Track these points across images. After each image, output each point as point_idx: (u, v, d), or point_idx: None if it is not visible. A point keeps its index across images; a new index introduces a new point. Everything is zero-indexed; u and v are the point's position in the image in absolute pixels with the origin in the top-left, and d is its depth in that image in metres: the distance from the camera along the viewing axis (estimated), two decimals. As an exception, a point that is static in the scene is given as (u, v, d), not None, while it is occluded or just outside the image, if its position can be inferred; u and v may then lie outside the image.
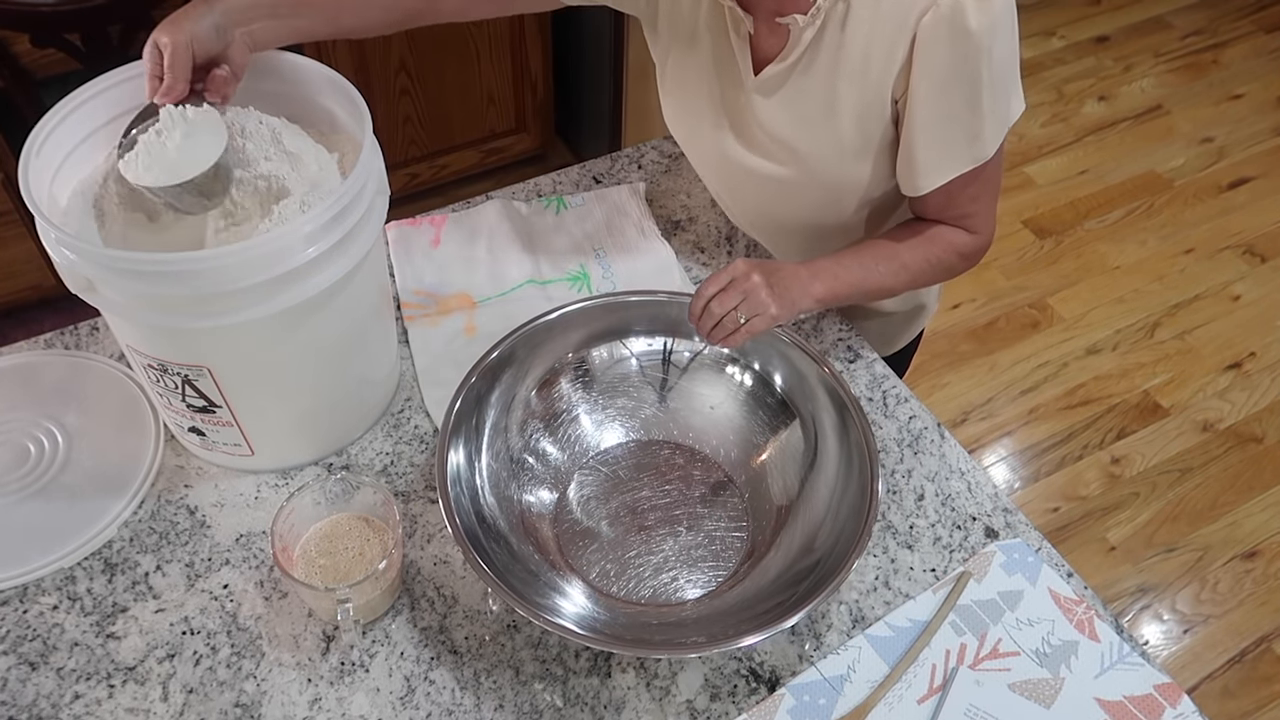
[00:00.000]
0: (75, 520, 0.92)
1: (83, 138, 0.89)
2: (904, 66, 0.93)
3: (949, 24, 0.89)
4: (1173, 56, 3.14)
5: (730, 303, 0.92)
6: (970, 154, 0.96)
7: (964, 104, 0.93)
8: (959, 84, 0.92)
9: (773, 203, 1.10)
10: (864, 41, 0.93)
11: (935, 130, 0.95)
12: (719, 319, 0.92)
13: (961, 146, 0.96)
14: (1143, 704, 0.84)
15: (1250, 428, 2.20)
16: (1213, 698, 1.80)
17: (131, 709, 0.82)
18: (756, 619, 0.82)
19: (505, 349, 0.96)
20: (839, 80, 0.96)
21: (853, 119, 0.98)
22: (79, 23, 1.61)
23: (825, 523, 0.89)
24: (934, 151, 0.96)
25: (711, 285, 0.93)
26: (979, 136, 0.95)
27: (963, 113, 0.93)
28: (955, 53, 0.90)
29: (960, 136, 0.95)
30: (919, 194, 0.99)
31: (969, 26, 0.88)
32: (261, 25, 0.90)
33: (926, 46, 0.90)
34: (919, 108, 0.94)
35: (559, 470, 0.98)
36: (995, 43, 0.90)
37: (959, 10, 0.88)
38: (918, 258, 1.03)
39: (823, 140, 1.00)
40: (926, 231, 1.04)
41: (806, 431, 0.96)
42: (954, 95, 0.92)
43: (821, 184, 1.04)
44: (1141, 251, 2.56)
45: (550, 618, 0.79)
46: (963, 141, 0.95)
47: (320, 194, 0.86)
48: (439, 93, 2.28)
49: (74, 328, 1.08)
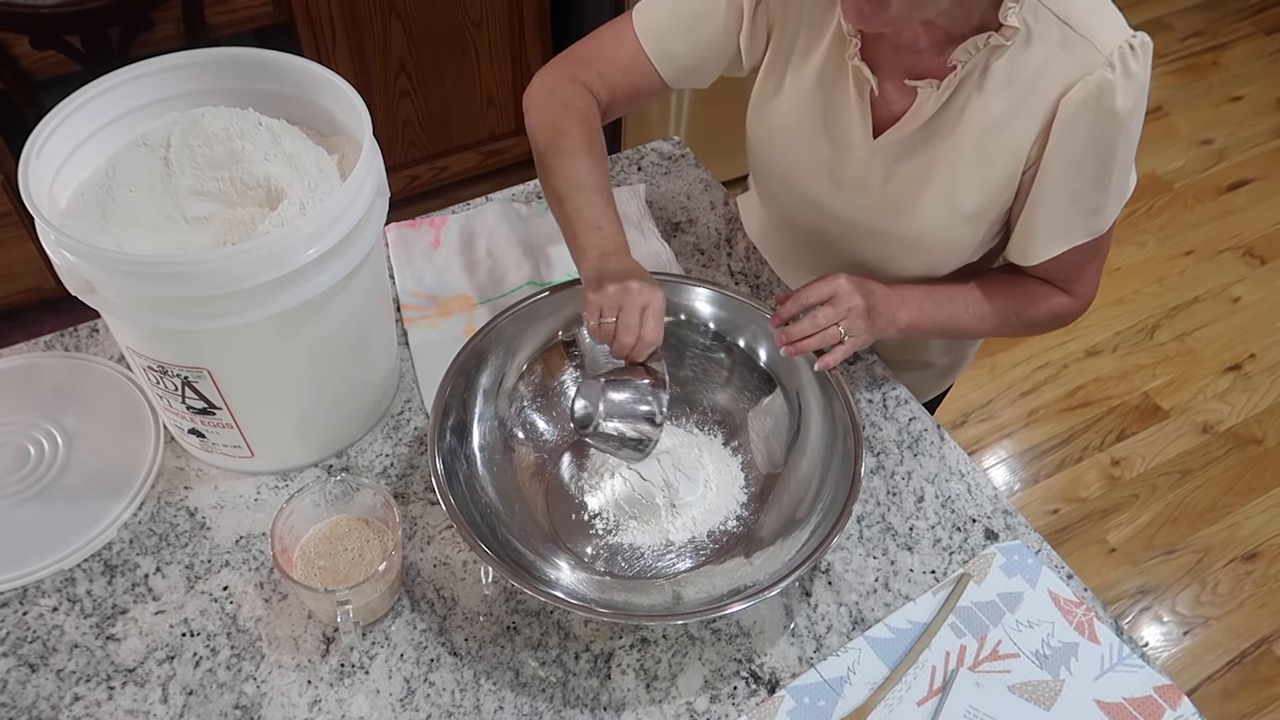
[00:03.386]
0: (75, 522, 0.92)
1: (83, 139, 0.89)
2: (1039, 139, 0.90)
3: (1096, 101, 0.86)
4: (1173, 58, 3.14)
5: (834, 316, 0.91)
6: (1087, 228, 0.94)
7: (1093, 180, 0.91)
8: (1093, 160, 0.89)
9: (857, 251, 1.06)
10: (999, 110, 0.90)
11: (1060, 205, 0.92)
12: (823, 329, 0.91)
13: (1080, 220, 0.93)
14: (1142, 706, 0.84)
15: (1250, 429, 2.20)
16: (1213, 699, 1.80)
17: (131, 711, 0.82)
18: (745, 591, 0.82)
19: (496, 329, 0.97)
20: (965, 145, 0.93)
21: (974, 185, 0.94)
22: (79, 25, 1.62)
23: (809, 495, 0.90)
24: (1054, 224, 0.93)
25: (813, 294, 0.92)
26: (1100, 211, 0.93)
27: (1089, 188, 0.91)
28: (1097, 131, 0.88)
29: (1081, 211, 0.93)
30: (1029, 264, 0.97)
31: (1115, 107, 0.86)
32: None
33: (1068, 122, 0.88)
34: (1048, 182, 0.91)
35: (549, 445, 0.99)
36: (1134, 121, 0.88)
37: (1106, 89, 0.85)
38: (1009, 309, 1.01)
39: (937, 201, 0.96)
40: (1026, 285, 1.01)
41: (790, 401, 0.97)
42: (1086, 171, 0.90)
43: (926, 243, 1.00)
44: (1141, 253, 2.57)
45: (544, 587, 0.80)
46: (1082, 216, 0.93)
47: (320, 196, 0.86)
48: (439, 94, 2.28)
49: (74, 329, 1.08)
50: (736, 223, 1.24)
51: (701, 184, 1.29)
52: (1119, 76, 0.85)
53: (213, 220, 0.89)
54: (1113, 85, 0.85)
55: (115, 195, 0.88)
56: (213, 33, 1.91)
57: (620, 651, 0.87)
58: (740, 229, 1.23)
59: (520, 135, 2.47)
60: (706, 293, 1.00)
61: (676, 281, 1.01)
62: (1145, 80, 0.87)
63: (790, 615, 0.89)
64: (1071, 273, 0.99)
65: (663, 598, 0.87)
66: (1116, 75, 0.85)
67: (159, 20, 1.78)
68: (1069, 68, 0.87)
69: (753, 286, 1.17)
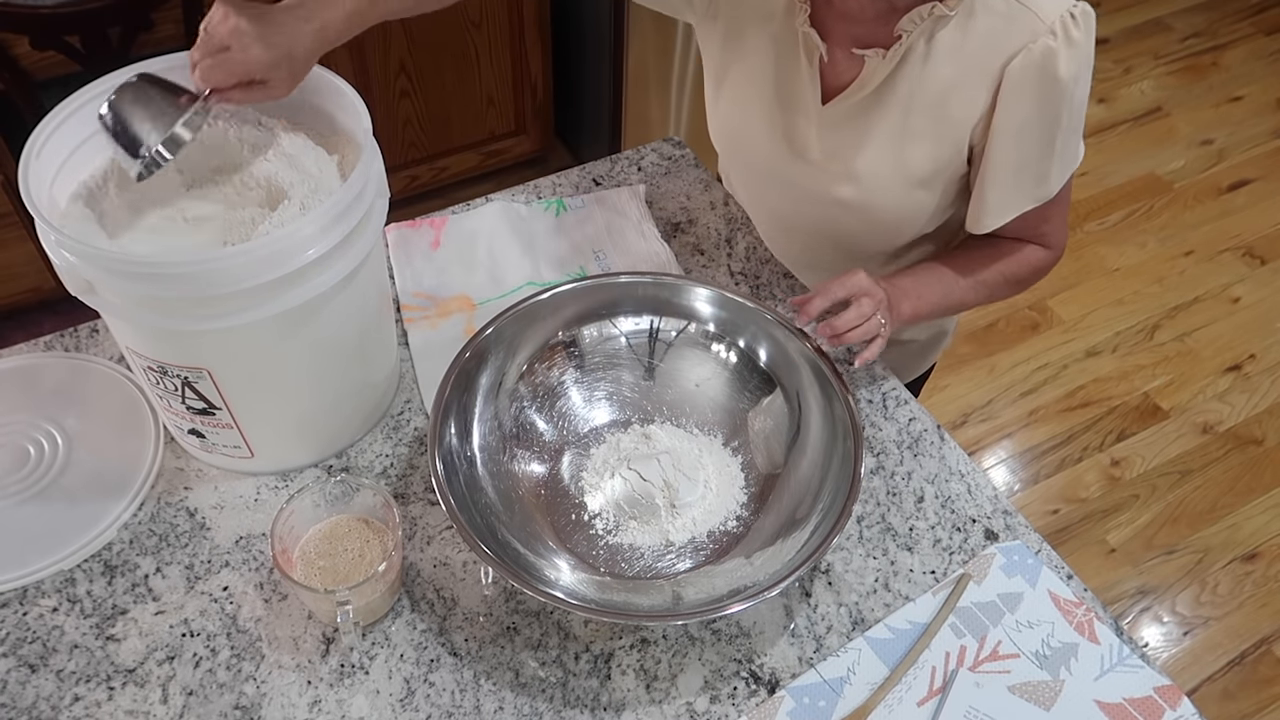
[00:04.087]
0: (75, 522, 0.92)
1: (83, 140, 0.89)
2: (987, 109, 0.93)
3: (1039, 69, 0.88)
4: (1173, 59, 3.14)
5: (874, 306, 0.92)
6: (1035, 194, 0.96)
7: (1038, 147, 0.93)
8: (1038, 127, 0.91)
9: (822, 223, 1.09)
10: (946, 79, 0.92)
11: (1008, 173, 0.94)
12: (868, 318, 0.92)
13: (1029, 188, 0.96)
14: (1142, 706, 0.84)
15: (1250, 430, 2.20)
16: (1213, 700, 1.80)
17: (131, 711, 0.82)
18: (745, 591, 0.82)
19: (496, 329, 0.97)
20: (913, 113, 0.95)
21: (924, 151, 0.97)
22: (79, 25, 1.62)
23: (809, 495, 0.90)
24: (1003, 193, 0.96)
25: (842, 288, 0.92)
26: (1046, 178, 0.95)
27: (1035, 156, 0.93)
28: (1041, 98, 0.90)
29: (1029, 178, 0.95)
30: (981, 231, 1.00)
31: (1059, 74, 0.88)
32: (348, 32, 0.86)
33: (1013, 91, 0.90)
34: (997, 151, 0.94)
35: (550, 445, 0.99)
36: (1078, 88, 0.90)
37: (1050, 56, 0.87)
38: (994, 272, 1.03)
39: (888, 167, 0.99)
40: (1001, 245, 1.03)
41: (790, 402, 0.97)
42: (1031, 138, 0.92)
43: (881, 208, 1.03)
44: (1141, 254, 2.57)
45: (544, 588, 0.81)
46: (1030, 183, 0.95)
47: (320, 196, 0.86)
48: (439, 95, 2.28)
49: (74, 330, 1.08)
50: (736, 223, 1.24)
51: (701, 184, 1.29)
52: (1061, 44, 0.88)
53: (213, 221, 0.89)
54: (1055, 53, 0.88)
55: (115, 195, 0.88)
56: (213, 33, 1.90)
57: (620, 652, 0.87)
58: (740, 229, 1.23)
59: (520, 135, 2.48)
60: (706, 293, 1.00)
61: (677, 281, 1.01)
62: (1089, 48, 0.89)
63: (790, 615, 0.89)
64: (1039, 227, 1.02)
65: (663, 598, 0.87)
66: (1059, 43, 0.88)
67: (159, 20, 1.78)
68: (1013, 37, 0.89)
69: (753, 287, 1.17)
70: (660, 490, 0.93)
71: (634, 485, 0.94)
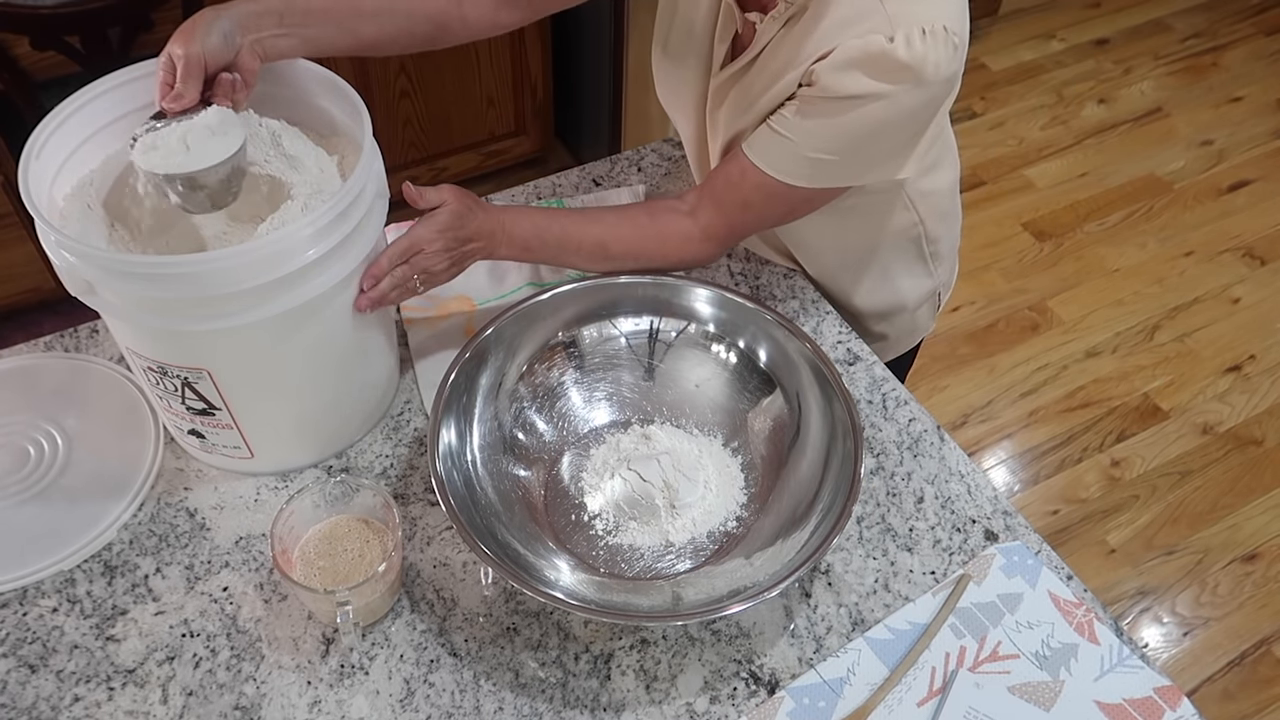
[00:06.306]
0: (75, 523, 0.92)
1: (83, 140, 0.89)
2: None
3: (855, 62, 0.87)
4: (1172, 59, 3.14)
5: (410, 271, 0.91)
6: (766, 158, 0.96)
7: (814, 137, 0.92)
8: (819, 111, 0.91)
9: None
10: (796, 54, 0.92)
11: (781, 123, 0.93)
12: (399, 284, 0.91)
13: (770, 148, 0.95)
14: (1142, 707, 0.84)
15: (1250, 430, 2.20)
16: (1213, 700, 1.80)
17: (131, 711, 0.82)
18: (745, 592, 0.82)
19: (496, 330, 0.97)
20: (765, 81, 0.95)
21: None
22: (79, 25, 1.62)
23: (809, 495, 0.90)
24: (764, 134, 0.95)
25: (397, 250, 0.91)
26: (790, 159, 0.94)
27: (803, 137, 0.92)
28: (829, 89, 0.89)
29: (778, 145, 0.94)
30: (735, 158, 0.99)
31: (848, 88, 0.87)
32: (271, 34, 0.88)
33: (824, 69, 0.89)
34: (790, 106, 0.93)
35: (550, 446, 0.99)
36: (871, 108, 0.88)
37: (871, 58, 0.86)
38: (631, 213, 1.03)
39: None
40: (657, 199, 1.05)
41: (790, 402, 0.97)
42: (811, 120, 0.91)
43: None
44: (1141, 254, 2.57)
45: (544, 588, 0.81)
46: (776, 148, 0.94)
47: (320, 197, 0.86)
48: (439, 95, 2.28)
49: (74, 330, 1.08)
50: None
51: (701, 185, 1.29)
52: (899, 48, 0.84)
53: (213, 221, 0.89)
54: (878, 58, 0.85)
55: (115, 196, 0.88)
56: (213, 33, 1.90)
57: (620, 652, 0.87)
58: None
59: (520, 136, 2.48)
60: (706, 293, 1.00)
61: (676, 282, 1.01)
62: (924, 73, 0.86)
63: (790, 616, 0.89)
64: (717, 193, 1.01)
65: (662, 598, 0.87)
66: (893, 48, 0.84)
67: (159, 20, 1.78)
68: (856, 28, 0.87)
69: (753, 287, 1.17)
70: (660, 491, 0.93)
71: (634, 486, 0.94)
